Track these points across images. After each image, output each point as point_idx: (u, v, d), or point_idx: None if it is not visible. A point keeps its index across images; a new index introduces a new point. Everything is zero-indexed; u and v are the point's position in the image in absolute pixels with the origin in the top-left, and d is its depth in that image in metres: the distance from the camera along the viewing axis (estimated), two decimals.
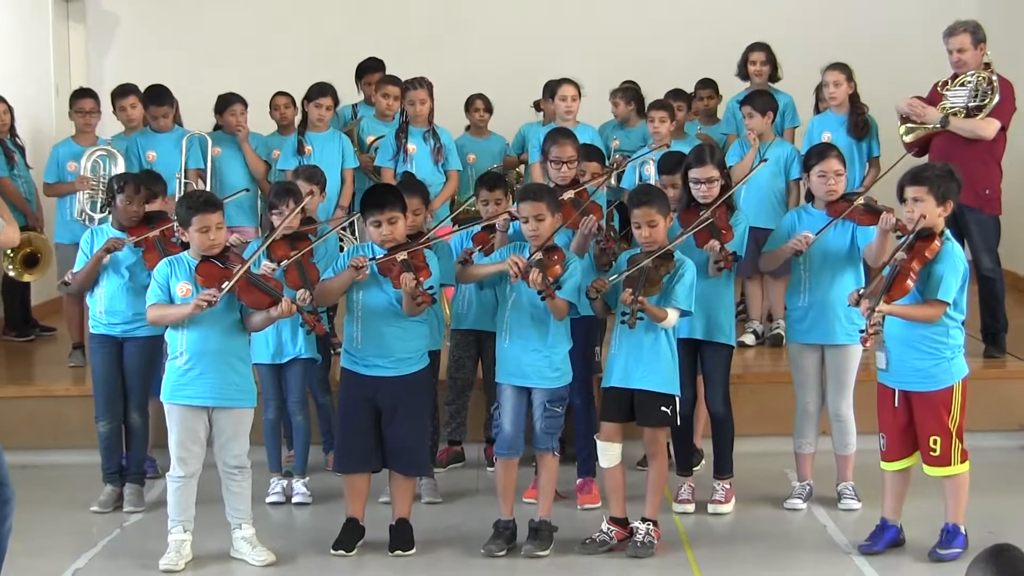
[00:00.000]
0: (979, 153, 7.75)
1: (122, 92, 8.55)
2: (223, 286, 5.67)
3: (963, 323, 5.83)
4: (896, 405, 5.79)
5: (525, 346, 5.97)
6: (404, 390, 5.95)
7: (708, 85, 9.16)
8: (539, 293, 5.78)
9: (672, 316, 5.90)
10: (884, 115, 8.34)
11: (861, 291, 5.68)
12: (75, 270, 6.67)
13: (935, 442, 5.70)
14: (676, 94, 8.70)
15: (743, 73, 8.81)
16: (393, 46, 10.13)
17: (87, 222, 8.02)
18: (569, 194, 6.47)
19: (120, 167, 8.12)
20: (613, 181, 8.05)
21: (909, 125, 7.93)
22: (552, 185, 6.50)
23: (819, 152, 6.54)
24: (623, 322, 5.80)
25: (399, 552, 5.96)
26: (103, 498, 6.69)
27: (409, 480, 6.11)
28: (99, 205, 8.13)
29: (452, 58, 10.82)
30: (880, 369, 5.83)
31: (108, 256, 6.52)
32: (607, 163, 7.51)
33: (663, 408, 5.95)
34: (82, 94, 8.65)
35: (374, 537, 6.05)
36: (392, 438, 5.97)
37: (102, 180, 8.11)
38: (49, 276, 8.63)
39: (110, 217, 6.85)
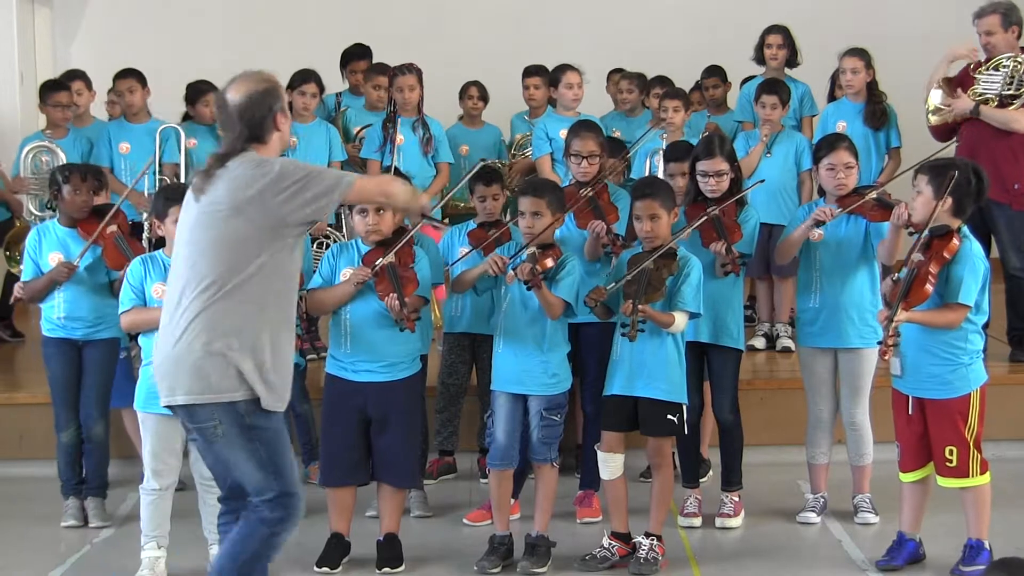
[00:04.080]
0: (1009, 146, 7.77)
1: (69, 78, 8.57)
2: None
3: (984, 326, 5.85)
4: (910, 412, 5.82)
5: (520, 351, 6.00)
6: (396, 396, 5.97)
7: (714, 73, 9.15)
8: (525, 283, 5.82)
9: (680, 320, 5.93)
10: (903, 104, 8.40)
11: (894, 277, 5.67)
12: (25, 278, 6.62)
13: (951, 452, 5.72)
14: (679, 93, 8.44)
15: (759, 57, 8.83)
16: (380, 31, 10.17)
17: (36, 222, 7.96)
18: (588, 192, 6.51)
19: (62, 163, 8.04)
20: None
21: (938, 105, 7.94)
22: (573, 181, 6.56)
23: (829, 143, 6.56)
24: (624, 335, 5.82)
25: (387, 569, 5.99)
26: (71, 511, 6.69)
27: (399, 492, 6.15)
28: (45, 204, 8.11)
29: (443, 44, 10.86)
30: (894, 375, 5.86)
31: (64, 279, 6.44)
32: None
33: (669, 416, 5.97)
34: (56, 86, 8.62)
35: (360, 553, 6.09)
36: (383, 448, 6.00)
37: (45, 178, 8.12)
38: None
39: (57, 213, 6.75)
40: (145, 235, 7.36)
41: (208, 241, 4.68)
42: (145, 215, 6.72)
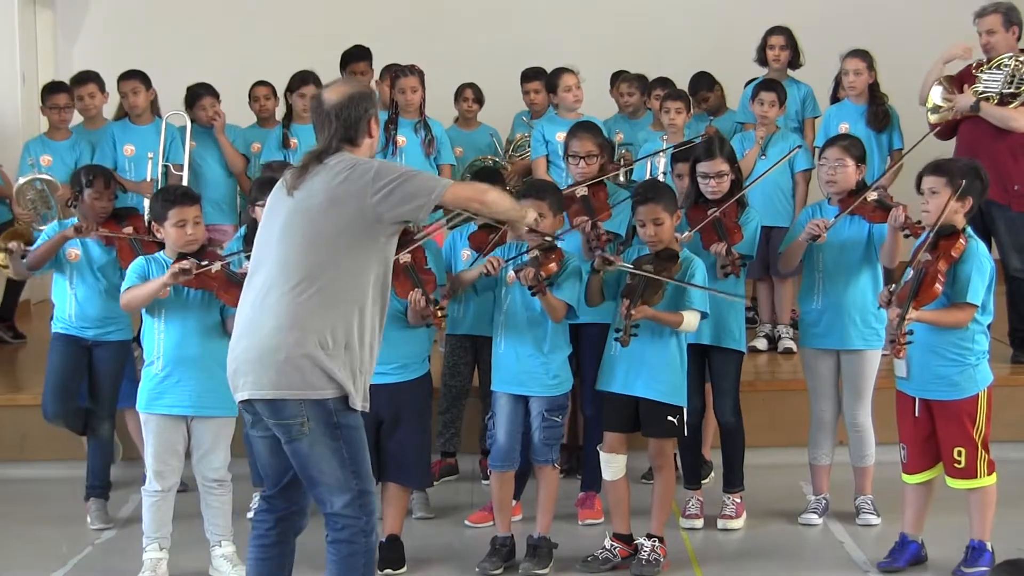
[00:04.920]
0: (1009, 145, 7.78)
1: (81, 80, 8.57)
2: (203, 263, 5.75)
3: (989, 326, 5.86)
4: (917, 415, 5.82)
5: (521, 352, 6.01)
6: (408, 397, 6.00)
7: (700, 85, 9.02)
8: (530, 289, 5.82)
9: (690, 318, 5.93)
10: (905, 106, 8.40)
11: (892, 288, 5.70)
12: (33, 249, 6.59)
13: (959, 453, 5.73)
14: (678, 95, 8.42)
15: (761, 58, 8.81)
16: (378, 32, 10.18)
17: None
18: (582, 191, 6.51)
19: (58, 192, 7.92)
20: (622, 178, 8.09)
21: (937, 103, 7.95)
22: (575, 182, 6.58)
23: (831, 140, 6.64)
24: (616, 339, 5.82)
25: (389, 571, 6.00)
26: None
27: (404, 493, 6.17)
28: (47, 217, 8.08)
29: (441, 45, 10.86)
30: (900, 377, 5.86)
31: (75, 235, 6.41)
32: (614, 158, 7.53)
33: (669, 418, 5.98)
34: (55, 88, 8.60)
35: None
36: (395, 448, 6.01)
37: (45, 193, 8.08)
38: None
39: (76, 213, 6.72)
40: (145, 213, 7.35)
41: (301, 235, 4.68)
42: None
